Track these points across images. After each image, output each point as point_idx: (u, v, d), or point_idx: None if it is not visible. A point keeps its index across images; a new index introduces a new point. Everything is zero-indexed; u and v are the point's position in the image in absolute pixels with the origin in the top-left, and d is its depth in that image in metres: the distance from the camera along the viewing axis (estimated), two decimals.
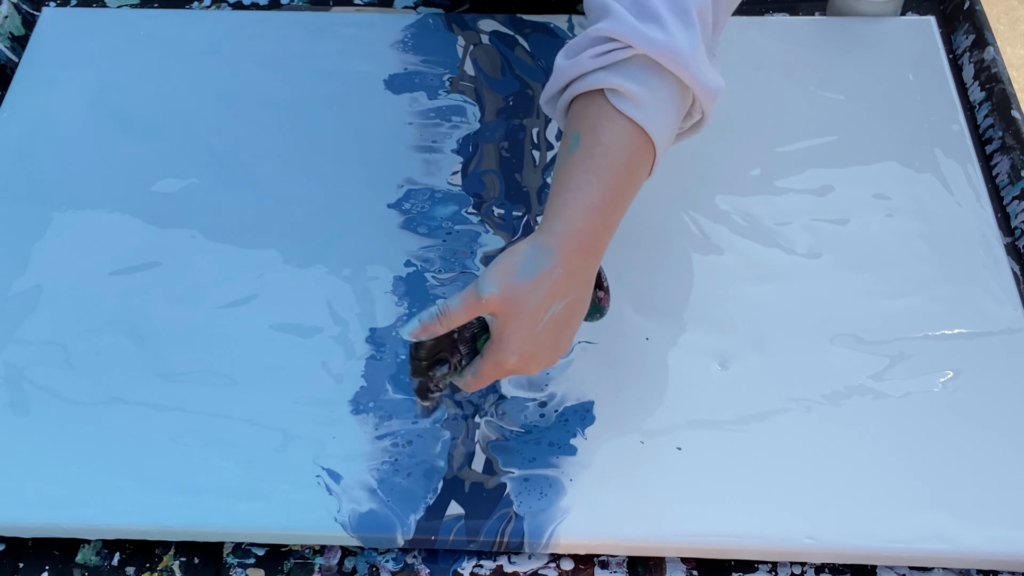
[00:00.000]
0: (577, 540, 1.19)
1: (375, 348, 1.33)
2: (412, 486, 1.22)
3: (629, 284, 1.38)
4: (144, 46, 1.66)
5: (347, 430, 1.26)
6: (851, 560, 1.20)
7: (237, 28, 1.68)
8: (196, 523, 1.20)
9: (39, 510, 1.21)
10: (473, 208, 1.46)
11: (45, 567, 1.21)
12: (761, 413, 1.27)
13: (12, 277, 1.39)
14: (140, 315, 1.36)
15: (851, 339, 1.33)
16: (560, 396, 1.29)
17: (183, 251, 1.42)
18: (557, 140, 1.51)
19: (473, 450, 1.24)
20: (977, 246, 1.41)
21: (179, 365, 1.32)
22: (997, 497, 1.21)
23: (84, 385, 1.30)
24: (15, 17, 1.70)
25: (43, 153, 1.53)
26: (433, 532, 1.19)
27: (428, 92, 1.60)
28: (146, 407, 1.28)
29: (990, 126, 1.54)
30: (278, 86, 1.60)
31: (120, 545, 1.23)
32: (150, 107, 1.58)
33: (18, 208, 1.47)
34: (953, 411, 1.27)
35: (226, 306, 1.37)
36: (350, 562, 1.21)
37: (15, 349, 1.33)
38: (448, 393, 1.26)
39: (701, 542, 1.19)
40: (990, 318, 1.35)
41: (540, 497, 1.21)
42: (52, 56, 1.65)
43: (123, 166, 1.51)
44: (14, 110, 1.58)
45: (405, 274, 1.40)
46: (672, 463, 1.23)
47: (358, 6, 1.75)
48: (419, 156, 1.52)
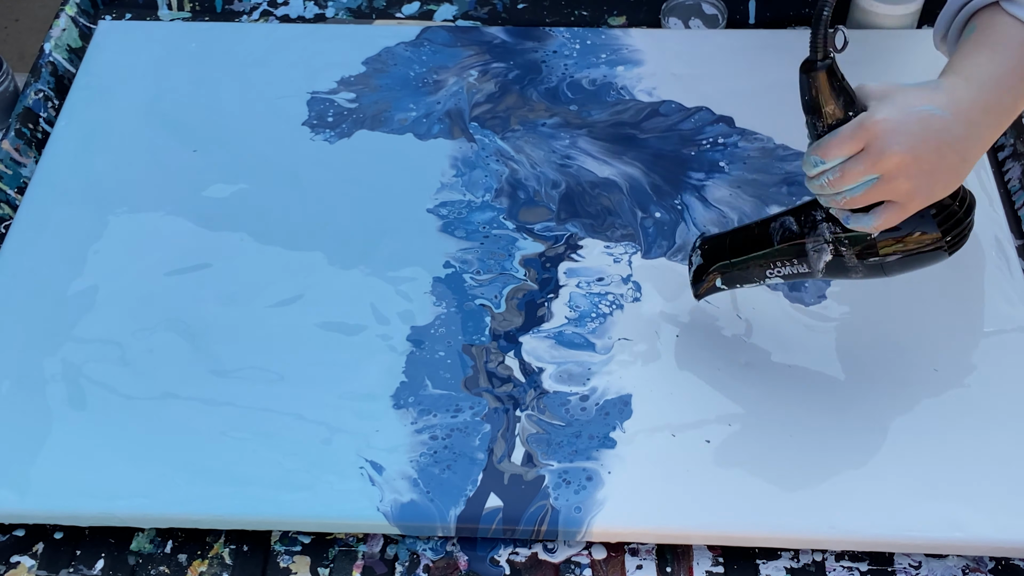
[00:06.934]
0: (611, 529, 1.19)
1: (415, 346, 1.33)
2: (452, 478, 1.22)
3: (663, 284, 1.38)
4: (195, 58, 1.66)
5: (389, 424, 1.26)
6: (870, 548, 1.20)
7: (284, 41, 1.68)
8: (245, 512, 1.20)
9: (96, 500, 1.21)
10: (507, 216, 1.46)
11: (101, 554, 1.22)
12: (784, 407, 1.27)
13: (70, 278, 1.40)
14: (192, 314, 1.36)
15: (869, 337, 1.33)
16: (601, 390, 1.29)
17: (233, 253, 1.42)
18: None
19: (513, 443, 1.25)
20: (990, 248, 1.40)
21: (229, 362, 1.32)
22: (1009, 488, 1.21)
23: (138, 381, 1.30)
24: (72, 30, 1.71)
25: (99, 159, 1.53)
26: (472, 522, 1.19)
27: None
28: (197, 402, 1.28)
29: (1002, 134, 1.53)
30: (320, 96, 1.61)
31: (173, 533, 1.23)
32: (201, 116, 1.58)
33: (75, 212, 1.47)
34: (967, 406, 1.27)
35: (274, 306, 1.37)
36: (392, 550, 1.21)
37: (73, 347, 1.33)
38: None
39: (727, 531, 1.19)
40: (1003, 317, 1.34)
41: (579, 489, 1.21)
42: (108, 67, 1.65)
43: (175, 172, 1.51)
44: (72, 118, 1.58)
45: (444, 275, 1.40)
46: (701, 455, 1.23)
47: (400, 19, 1.75)
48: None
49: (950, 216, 1.13)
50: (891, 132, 1.05)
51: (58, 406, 1.28)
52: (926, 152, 1.06)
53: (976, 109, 1.09)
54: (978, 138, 1.10)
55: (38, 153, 1.57)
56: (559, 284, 1.39)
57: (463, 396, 1.28)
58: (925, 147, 1.06)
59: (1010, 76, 1.11)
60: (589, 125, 1.56)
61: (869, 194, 1.08)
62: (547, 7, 1.76)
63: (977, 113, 1.09)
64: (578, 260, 1.40)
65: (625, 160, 1.51)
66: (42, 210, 1.47)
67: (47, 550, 1.22)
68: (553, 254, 1.42)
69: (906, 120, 1.06)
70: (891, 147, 1.05)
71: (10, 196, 1.51)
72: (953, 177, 1.10)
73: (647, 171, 1.49)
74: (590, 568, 1.20)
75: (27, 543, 1.23)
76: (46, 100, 1.61)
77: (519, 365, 1.31)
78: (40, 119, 1.59)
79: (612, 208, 1.45)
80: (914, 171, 1.06)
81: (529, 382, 1.29)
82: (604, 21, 1.74)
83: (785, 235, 1.20)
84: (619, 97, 1.59)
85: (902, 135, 1.05)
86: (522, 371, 1.30)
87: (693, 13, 1.70)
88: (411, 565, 1.20)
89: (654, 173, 1.49)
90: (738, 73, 1.62)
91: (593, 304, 1.36)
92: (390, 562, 1.20)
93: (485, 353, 1.32)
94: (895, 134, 1.05)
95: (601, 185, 1.48)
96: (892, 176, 1.07)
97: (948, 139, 1.07)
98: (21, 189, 1.53)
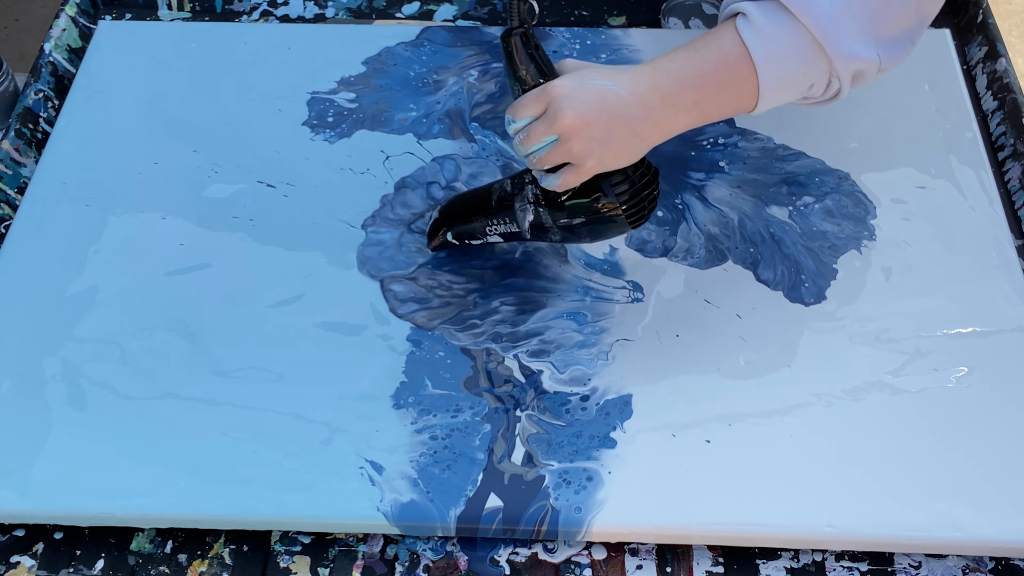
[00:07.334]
0: (611, 529, 1.19)
1: (415, 346, 1.33)
2: (452, 478, 1.22)
3: (663, 284, 1.38)
4: (195, 58, 1.66)
5: (389, 424, 1.26)
6: (869, 547, 1.20)
7: (284, 41, 1.68)
8: (245, 512, 1.20)
9: (96, 500, 1.21)
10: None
11: (101, 554, 1.21)
12: (784, 407, 1.27)
13: (70, 278, 1.40)
14: (191, 314, 1.36)
15: (870, 337, 1.33)
16: (602, 390, 1.29)
17: (232, 253, 1.42)
18: None
19: (513, 443, 1.24)
20: (990, 248, 1.40)
21: (229, 362, 1.32)
22: (1008, 487, 1.21)
23: (138, 381, 1.30)
24: (72, 30, 1.70)
25: (99, 159, 1.53)
26: (472, 522, 1.19)
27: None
28: (197, 402, 1.28)
29: (1002, 134, 1.53)
30: (321, 96, 1.61)
31: (173, 533, 1.23)
32: (201, 116, 1.58)
33: (75, 212, 1.47)
34: (967, 406, 1.27)
35: (273, 306, 1.37)
36: (392, 549, 1.21)
37: (73, 347, 1.33)
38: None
39: (727, 530, 1.19)
40: (1003, 317, 1.34)
41: (579, 489, 1.21)
42: (107, 67, 1.65)
43: (175, 172, 1.51)
44: (71, 118, 1.58)
45: None
46: (701, 455, 1.23)
47: (400, 19, 1.75)
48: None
49: (628, 187, 1.21)
50: (567, 97, 1.15)
51: (58, 406, 1.28)
52: (597, 120, 1.15)
53: (654, 95, 1.17)
54: (653, 122, 1.18)
55: (38, 153, 1.56)
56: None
57: (463, 396, 1.28)
58: (596, 115, 1.15)
59: (696, 79, 1.18)
60: None
61: (551, 154, 1.18)
62: (547, 7, 1.76)
63: (654, 99, 1.17)
64: (578, 259, 1.40)
65: None
66: (42, 210, 1.47)
67: (47, 550, 1.22)
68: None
69: (583, 89, 1.16)
70: (565, 111, 1.15)
71: (10, 196, 1.51)
72: (626, 149, 1.18)
73: None
74: (590, 568, 1.19)
75: (27, 543, 1.23)
76: (46, 100, 1.61)
77: (519, 366, 1.31)
78: (40, 119, 1.59)
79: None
80: (585, 135, 1.15)
81: (529, 382, 1.29)
82: (604, 21, 1.74)
83: (501, 196, 1.31)
84: None
85: (577, 101, 1.15)
86: (522, 371, 1.30)
87: (693, 13, 1.70)
88: (411, 565, 1.20)
89: None
90: None
91: (593, 303, 1.36)
92: (390, 562, 1.20)
93: (485, 354, 1.32)
94: (570, 99, 1.15)
95: None
96: (567, 138, 1.16)
97: (620, 114, 1.16)
98: (21, 189, 1.52)
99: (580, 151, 1.16)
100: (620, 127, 1.16)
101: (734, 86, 1.19)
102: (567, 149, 1.16)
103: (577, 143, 1.16)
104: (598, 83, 1.16)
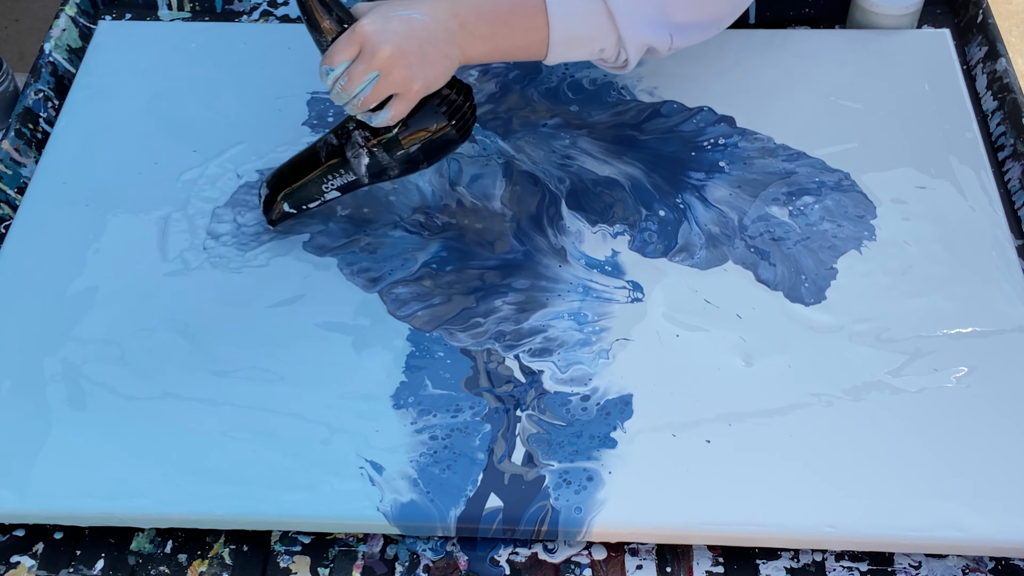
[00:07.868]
0: (611, 529, 1.18)
1: (415, 346, 1.32)
2: (452, 478, 1.21)
3: (663, 284, 1.38)
4: (195, 58, 1.66)
5: (388, 424, 1.26)
6: (869, 548, 1.19)
7: (284, 41, 1.68)
8: (245, 512, 1.20)
9: (96, 500, 1.21)
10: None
11: (101, 554, 1.21)
12: (784, 407, 1.26)
13: (70, 279, 1.39)
14: (191, 314, 1.36)
15: (870, 337, 1.32)
16: (602, 390, 1.28)
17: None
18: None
19: (513, 443, 1.24)
20: (990, 248, 1.40)
21: (229, 362, 1.32)
22: (1008, 487, 1.20)
23: (138, 381, 1.30)
24: (72, 30, 1.70)
25: (99, 159, 1.53)
26: (472, 522, 1.19)
27: None
28: (197, 402, 1.28)
29: (1002, 134, 1.53)
30: (321, 96, 1.60)
31: (173, 533, 1.23)
32: (201, 116, 1.58)
33: (75, 212, 1.47)
34: (967, 406, 1.27)
35: (273, 306, 1.37)
36: (392, 550, 1.21)
37: (73, 347, 1.33)
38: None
39: (727, 530, 1.18)
40: (1002, 317, 1.34)
41: (579, 489, 1.20)
42: (107, 67, 1.65)
43: (174, 172, 1.51)
44: (71, 118, 1.58)
45: None
46: (701, 455, 1.23)
47: None
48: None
49: (451, 104, 1.30)
50: (379, 32, 1.22)
51: (58, 406, 1.28)
52: (410, 47, 1.23)
53: (453, 21, 1.27)
54: (456, 43, 1.27)
55: (38, 153, 1.56)
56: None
57: (463, 396, 1.28)
58: (408, 43, 1.23)
59: (491, 15, 1.29)
60: (590, 126, 1.55)
61: (376, 90, 1.24)
62: None
63: (454, 24, 1.27)
64: (579, 259, 1.40)
65: (625, 160, 1.50)
66: (42, 210, 1.47)
67: (47, 550, 1.22)
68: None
69: (389, 22, 1.23)
70: (380, 45, 1.22)
71: (10, 196, 1.51)
72: (441, 70, 1.27)
73: (648, 171, 1.49)
74: (590, 568, 1.19)
75: (27, 543, 1.22)
76: (46, 100, 1.61)
77: (519, 366, 1.31)
78: (40, 119, 1.59)
79: (614, 206, 1.45)
80: (404, 63, 1.23)
81: (529, 382, 1.29)
82: None
83: (329, 151, 1.35)
84: (620, 97, 1.59)
85: (389, 34, 1.22)
86: (522, 371, 1.30)
87: None
88: (411, 565, 1.20)
89: (655, 173, 1.49)
90: (738, 73, 1.61)
91: (594, 303, 1.36)
92: (390, 562, 1.20)
93: (486, 354, 1.32)
94: (382, 34, 1.22)
95: (603, 183, 1.48)
96: (388, 69, 1.23)
97: (428, 38, 1.24)
98: (21, 189, 1.52)
99: (403, 78, 1.23)
100: (431, 49, 1.24)
101: (525, 31, 1.30)
102: (391, 81, 1.23)
103: (399, 72, 1.23)
104: (401, 14, 1.24)
